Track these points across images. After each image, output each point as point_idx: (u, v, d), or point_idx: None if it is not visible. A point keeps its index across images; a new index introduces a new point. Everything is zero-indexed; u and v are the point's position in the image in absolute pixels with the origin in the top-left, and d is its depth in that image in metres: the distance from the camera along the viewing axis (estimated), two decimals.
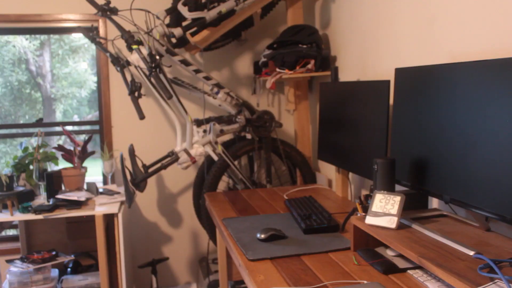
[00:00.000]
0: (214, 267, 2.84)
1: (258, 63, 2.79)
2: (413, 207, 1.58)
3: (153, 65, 2.32)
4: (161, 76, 2.37)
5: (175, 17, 2.61)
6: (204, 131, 2.56)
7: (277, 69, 2.54)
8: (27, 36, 3.07)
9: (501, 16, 1.40)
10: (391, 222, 1.41)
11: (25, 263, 2.59)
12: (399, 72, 1.68)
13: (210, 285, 2.69)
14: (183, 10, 2.49)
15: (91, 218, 2.83)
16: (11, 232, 3.21)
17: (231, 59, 3.06)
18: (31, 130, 3.02)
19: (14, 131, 3.08)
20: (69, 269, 2.80)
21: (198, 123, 2.58)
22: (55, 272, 2.68)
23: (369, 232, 1.44)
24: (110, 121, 2.94)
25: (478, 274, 1.07)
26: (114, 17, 2.45)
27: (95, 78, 3.30)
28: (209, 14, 2.48)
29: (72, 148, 2.73)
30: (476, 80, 1.30)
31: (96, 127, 3.07)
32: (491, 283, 1.02)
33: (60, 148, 2.72)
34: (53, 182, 2.56)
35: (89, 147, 2.78)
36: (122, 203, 2.61)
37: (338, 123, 2.18)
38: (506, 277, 1.01)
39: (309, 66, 2.53)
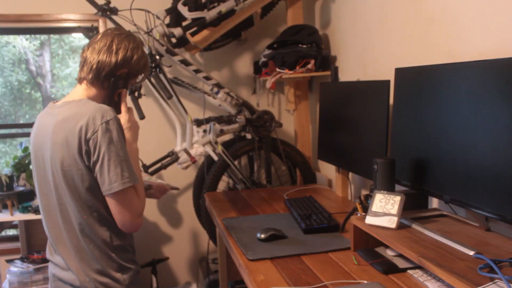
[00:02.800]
0: (214, 267, 2.84)
1: (258, 63, 2.79)
2: (413, 207, 1.58)
3: (153, 65, 2.32)
4: (161, 76, 2.37)
5: (175, 17, 2.61)
6: (204, 131, 2.56)
7: (277, 69, 2.54)
8: (27, 36, 3.06)
9: (501, 16, 1.40)
10: (391, 222, 1.41)
11: (25, 263, 2.59)
12: (399, 72, 1.68)
13: (210, 285, 2.69)
14: (183, 10, 2.49)
15: None
16: (11, 232, 3.21)
17: (231, 59, 3.05)
18: (31, 130, 3.02)
19: (14, 131, 3.07)
20: None
21: (198, 123, 2.58)
22: None
23: (369, 232, 1.44)
24: None
25: (478, 274, 1.07)
26: (114, 17, 2.44)
27: None
28: (209, 14, 2.48)
29: None
30: (476, 80, 1.30)
31: None
32: (491, 283, 1.02)
33: None
34: None
35: None
36: None
37: (338, 123, 2.18)
38: (506, 277, 1.01)
39: (309, 66, 2.53)
